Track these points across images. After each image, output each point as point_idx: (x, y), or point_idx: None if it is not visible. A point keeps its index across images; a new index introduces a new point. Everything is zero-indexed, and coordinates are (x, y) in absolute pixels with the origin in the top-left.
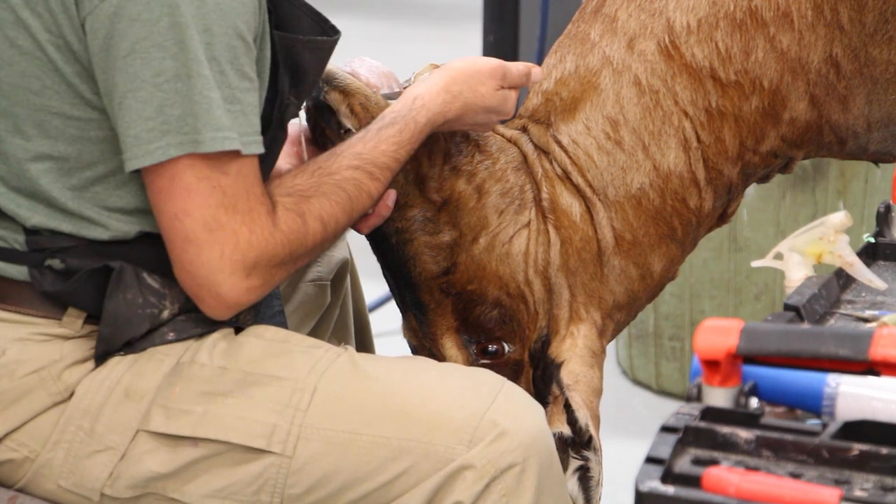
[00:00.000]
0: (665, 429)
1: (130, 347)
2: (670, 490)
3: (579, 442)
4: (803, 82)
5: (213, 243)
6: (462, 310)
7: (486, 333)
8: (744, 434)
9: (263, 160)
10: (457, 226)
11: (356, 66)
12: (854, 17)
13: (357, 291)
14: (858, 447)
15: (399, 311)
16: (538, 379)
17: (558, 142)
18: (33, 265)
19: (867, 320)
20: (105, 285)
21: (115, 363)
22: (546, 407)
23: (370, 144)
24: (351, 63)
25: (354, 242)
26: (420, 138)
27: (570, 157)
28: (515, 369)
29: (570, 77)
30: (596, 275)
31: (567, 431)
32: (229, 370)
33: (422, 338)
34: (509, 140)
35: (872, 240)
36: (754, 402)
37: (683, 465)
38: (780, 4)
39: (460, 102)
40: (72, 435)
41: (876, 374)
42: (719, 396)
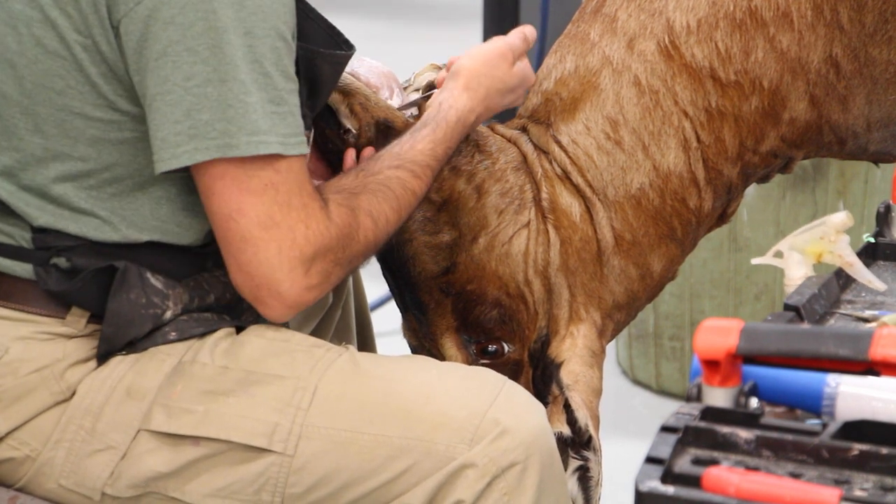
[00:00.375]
0: (665, 429)
1: (132, 347)
2: (670, 490)
3: (579, 442)
4: (803, 82)
5: (270, 241)
6: (462, 310)
7: (486, 333)
8: (744, 434)
9: None
10: (456, 226)
11: (356, 67)
12: (854, 18)
13: (359, 291)
14: (858, 447)
15: (399, 311)
16: (538, 379)
17: (558, 142)
18: (39, 263)
19: (867, 320)
20: (109, 285)
21: (117, 362)
22: (546, 407)
23: (406, 146)
24: (351, 63)
25: None
26: (455, 136)
27: (570, 157)
28: (515, 369)
29: (570, 77)
30: (595, 275)
31: (567, 431)
32: (231, 369)
33: (422, 338)
34: (509, 140)
35: (872, 240)
36: (754, 402)
37: (683, 465)
38: (780, 4)
39: (483, 93)
40: (73, 434)
41: (876, 374)
42: (719, 396)
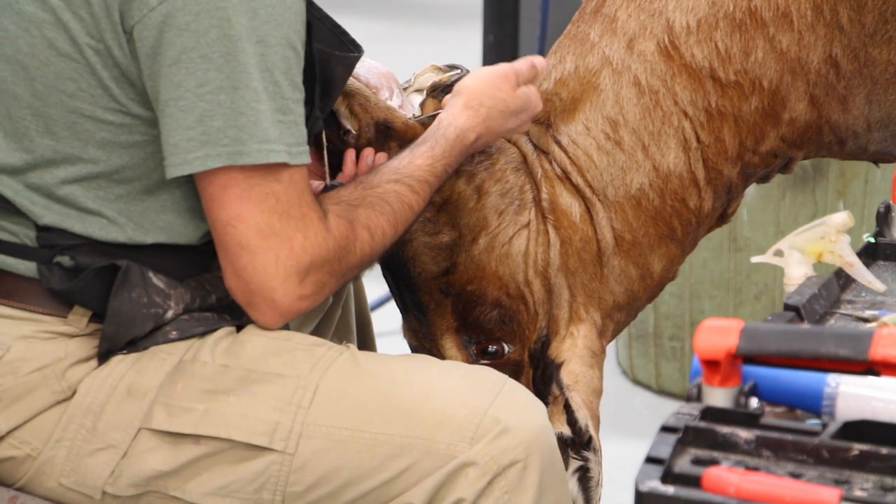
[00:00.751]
0: (665, 429)
1: (133, 346)
2: (670, 490)
3: (579, 442)
4: (803, 82)
5: (268, 249)
6: (462, 310)
7: (486, 334)
8: (744, 434)
9: None
10: (456, 226)
11: (356, 67)
12: (854, 18)
13: (359, 291)
14: (858, 447)
15: (399, 312)
16: (538, 379)
17: (558, 142)
18: (42, 261)
19: (867, 320)
20: (111, 284)
21: (118, 361)
22: (546, 407)
23: (405, 161)
24: None
25: None
26: (454, 154)
27: (570, 158)
28: (515, 370)
29: (570, 77)
30: (596, 275)
31: (567, 432)
32: (231, 368)
33: (422, 338)
34: (509, 140)
35: (872, 240)
36: (754, 402)
37: (683, 465)
38: (780, 4)
39: (484, 113)
40: (74, 433)
41: (876, 374)
42: (719, 396)
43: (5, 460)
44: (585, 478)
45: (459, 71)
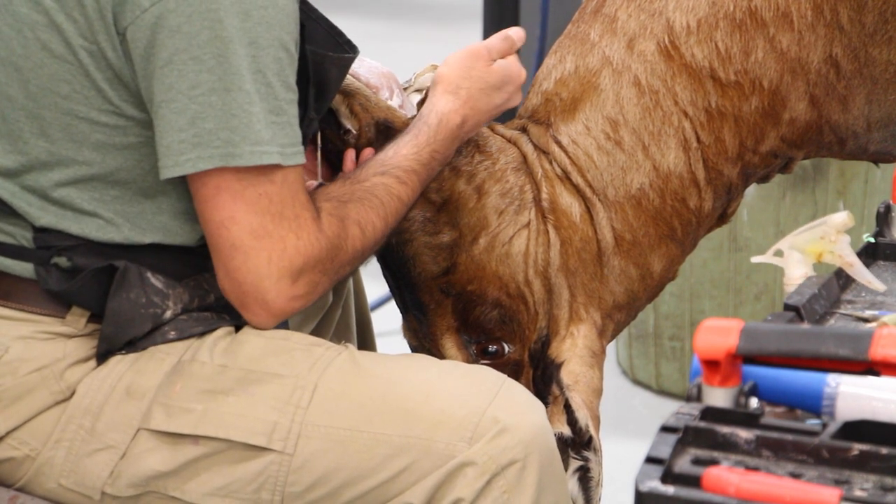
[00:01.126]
0: (665, 429)
1: (132, 346)
2: (670, 490)
3: (579, 442)
4: (803, 82)
5: (261, 250)
6: (462, 310)
7: (486, 334)
8: (744, 434)
9: None
10: (456, 226)
11: (356, 67)
12: (854, 18)
13: (359, 291)
14: (858, 447)
15: (399, 312)
16: (538, 379)
17: (558, 142)
18: (39, 262)
19: (867, 320)
20: (109, 284)
21: (117, 362)
22: (546, 407)
23: (391, 152)
24: None
25: None
26: (440, 139)
27: (570, 158)
28: (515, 370)
29: (570, 77)
30: (596, 275)
31: (567, 432)
32: (230, 368)
33: (422, 338)
34: (509, 140)
35: (872, 240)
36: (754, 402)
37: (683, 465)
38: (780, 5)
39: (464, 94)
40: (73, 433)
41: (876, 374)
42: (719, 396)
43: (5, 461)
44: (586, 478)
45: None
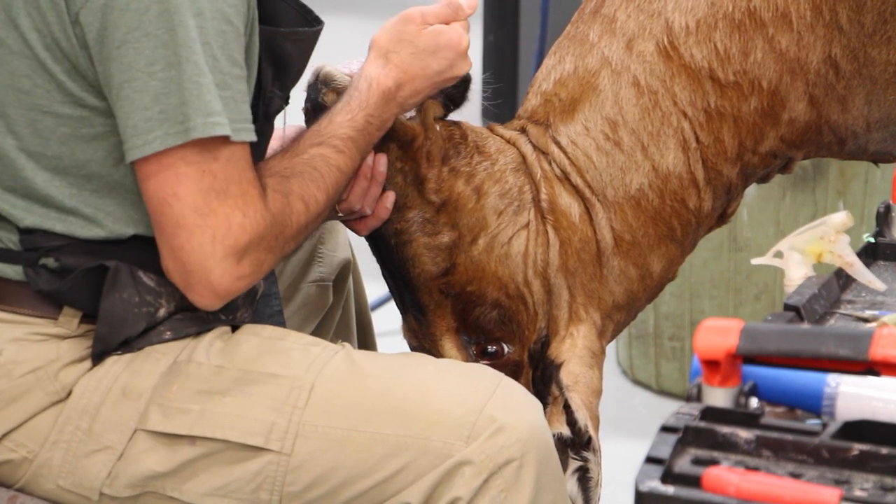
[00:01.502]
0: (665, 429)
1: (127, 346)
2: (670, 490)
3: (578, 442)
4: (802, 83)
5: (205, 227)
6: (461, 311)
7: (486, 334)
8: (744, 434)
9: (252, 152)
10: (456, 227)
11: (354, 67)
12: (853, 18)
13: (360, 292)
14: (858, 447)
15: (399, 312)
16: (538, 380)
17: (557, 143)
18: (28, 264)
19: (867, 320)
20: (100, 284)
21: (112, 362)
22: (545, 407)
23: (325, 122)
24: (349, 64)
25: (355, 242)
26: (373, 103)
27: (569, 158)
28: (515, 370)
29: (569, 78)
30: (595, 275)
31: (566, 432)
32: (227, 368)
33: (421, 339)
34: (508, 141)
35: (872, 240)
36: (754, 402)
37: (683, 465)
38: (779, 5)
39: (396, 59)
40: (70, 434)
41: (876, 374)
42: (719, 396)
43: (3, 463)
44: (585, 478)
45: None
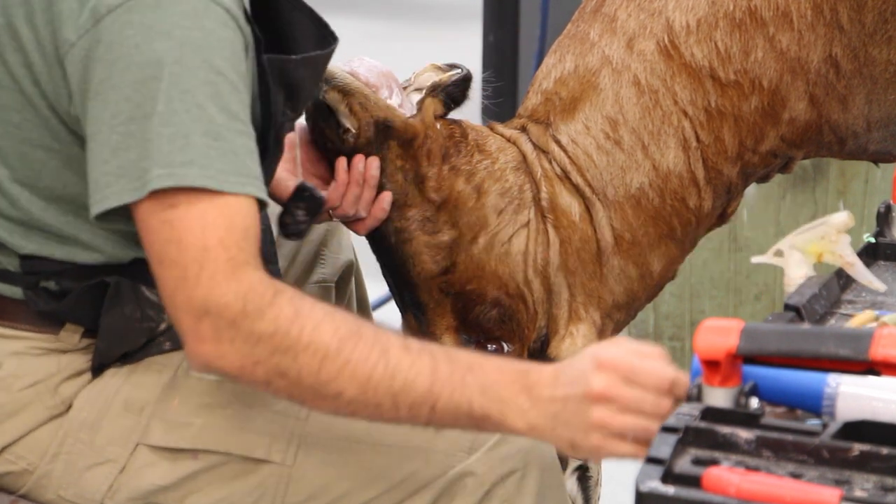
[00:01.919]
0: (665, 429)
1: (127, 358)
2: (670, 490)
3: None
4: (803, 82)
5: (168, 279)
6: (461, 309)
7: (486, 333)
8: (744, 434)
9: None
10: (456, 225)
11: (355, 66)
12: (853, 17)
13: (362, 293)
14: (858, 447)
15: (399, 311)
16: None
17: (557, 141)
18: (28, 287)
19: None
20: (101, 300)
21: (112, 374)
22: None
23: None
24: (350, 63)
25: (356, 242)
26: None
27: (570, 157)
28: None
29: (570, 77)
30: (595, 274)
31: None
32: (227, 381)
33: (421, 337)
34: (508, 140)
35: (873, 240)
36: (754, 402)
37: (683, 465)
38: (780, 4)
39: (561, 420)
40: (70, 447)
41: (876, 374)
42: (719, 396)
43: (3, 475)
44: (584, 477)
45: (459, 70)
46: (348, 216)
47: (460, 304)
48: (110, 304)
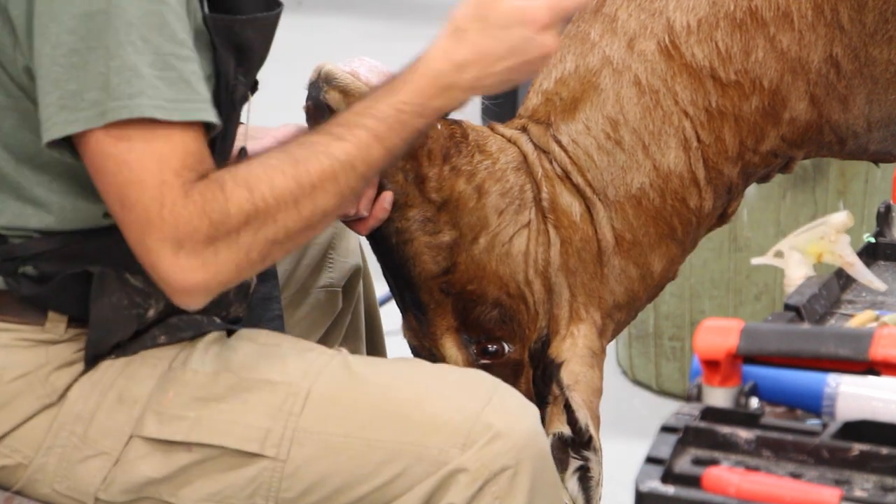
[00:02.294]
0: (665, 429)
1: (121, 349)
2: (670, 490)
3: (579, 442)
4: (803, 82)
5: (132, 223)
6: (462, 310)
7: (486, 333)
8: (744, 434)
9: (217, 142)
10: (456, 226)
11: (356, 66)
12: (854, 17)
13: (370, 297)
14: (858, 447)
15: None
16: (538, 379)
17: (558, 142)
18: (7, 274)
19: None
20: (85, 289)
21: (107, 367)
22: (546, 407)
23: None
24: (350, 63)
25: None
26: (416, 90)
27: (570, 157)
28: (515, 369)
29: (570, 77)
30: (596, 275)
31: (567, 431)
32: (222, 375)
33: (422, 338)
34: (509, 140)
35: (873, 240)
36: (754, 402)
37: (683, 465)
38: (781, 4)
39: (466, 37)
40: (64, 440)
41: (876, 374)
42: (719, 396)
43: None
44: (585, 477)
45: None
46: (349, 216)
47: (461, 305)
48: (97, 295)
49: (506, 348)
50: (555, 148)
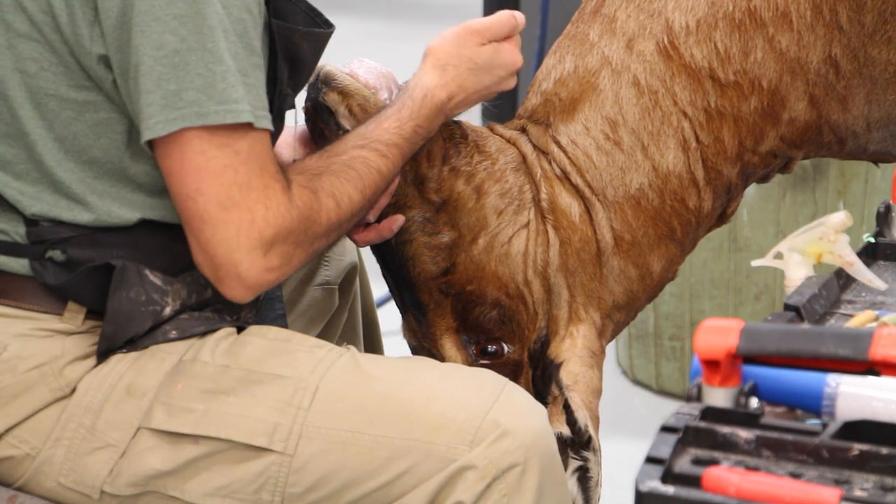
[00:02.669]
0: (665, 429)
1: (133, 345)
2: (670, 490)
3: (578, 442)
4: (802, 82)
5: (229, 222)
6: (461, 310)
7: (486, 334)
8: (744, 434)
9: None
10: (456, 226)
11: (355, 67)
12: (853, 18)
13: (367, 295)
14: (858, 447)
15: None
16: (537, 379)
17: (557, 142)
18: (34, 257)
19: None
20: (106, 281)
21: (117, 360)
22: (545, 407)
23: (372, 126)
24: (349, 64)
25: None
26: (424, 114)
27: (569, 158)
28: (515, 370)
29: (569, 77)
30: (595, 275)
31: (566, 432)
32: (231, 368)
33: (421, 338)
34: (508, 140)
35: (872, 240)
36: (754, 402)
37: (683, 465)
38: (779, 5)
39: (452, 72)
40: (73, 432)
41: (876, 374)
42: (719, 396)
43: (4, 459)
44: (585, 478)
45: None
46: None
47: (460, 305)
48: (116, 287)
49: (505, 349)
50: (554, 148)
